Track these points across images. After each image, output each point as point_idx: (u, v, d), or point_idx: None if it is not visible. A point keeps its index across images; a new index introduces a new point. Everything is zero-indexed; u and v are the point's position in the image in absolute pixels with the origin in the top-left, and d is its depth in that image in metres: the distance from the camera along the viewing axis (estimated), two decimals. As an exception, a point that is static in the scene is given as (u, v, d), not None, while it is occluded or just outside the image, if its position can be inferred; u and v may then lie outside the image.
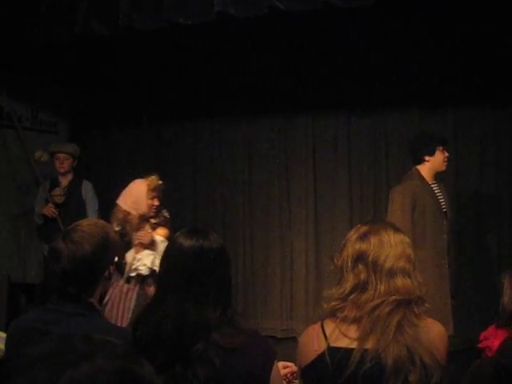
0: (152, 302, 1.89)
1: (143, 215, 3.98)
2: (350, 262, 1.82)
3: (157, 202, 4.00)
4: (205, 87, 5.79)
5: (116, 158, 6.23)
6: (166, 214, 4.17)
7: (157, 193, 4.01)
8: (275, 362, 1.83)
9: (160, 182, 4.03)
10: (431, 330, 1.76)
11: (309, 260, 5.74)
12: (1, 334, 2.99)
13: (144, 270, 3.81)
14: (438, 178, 4.31)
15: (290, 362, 2.14)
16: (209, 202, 6.09)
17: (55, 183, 5.39)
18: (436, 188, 4.28)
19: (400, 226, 3.87)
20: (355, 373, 1.69)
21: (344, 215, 5.64)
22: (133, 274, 3.86)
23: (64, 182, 5.38)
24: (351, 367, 1.70)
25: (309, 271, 5.72)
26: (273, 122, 5.90)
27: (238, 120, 5.98)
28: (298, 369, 1.94)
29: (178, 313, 1.74)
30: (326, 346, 1.78)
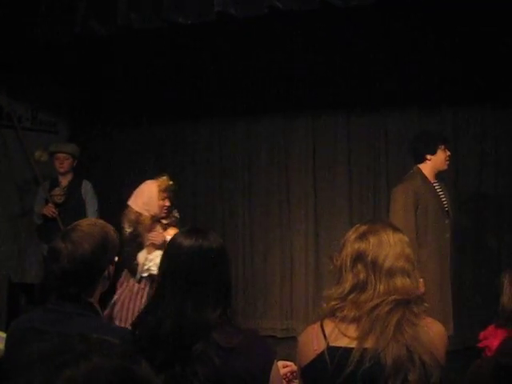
0: (151, 301, 1.89)
1: (155, 216, 4.02)
2: (349, 261, 1.82)
3: (168, 203, 4.06)
4: (204, 87, 5.79)
5: (115, 158, 6.23)
6: (177, 214, 4.22)
7: (168, 193, 4.05)
8: (275, 361, 1.83)
9: (171, 182, 4.08)
10: (431, 330, 1.76)
11: (308, 259, 5.74)
12: (1, 334, 2.98)
13: (156, 271, 3.85)
14: (438, 177, 4.29)
15: (290, 362, 2.14)
16: (208, 202, 6.09)
17: (55, 183, 5.39)
18: (438, 187, 4.24)
19: (402, 226, 3.88)
20: (354, 372, 1.69)
21: (344, 215, 5.64)
22: (145, 274, 3.90)
23: (64, 181, 5.38)
24: (350, 366, 1.70)
25: (308, 271, 5.73)
26: (272, 122, 5.91)
27: (237, 120, 5.98)
28: (297, 368, 1.94)
29: (178, 312, 1.74)
30: (325, 346, 1.78)
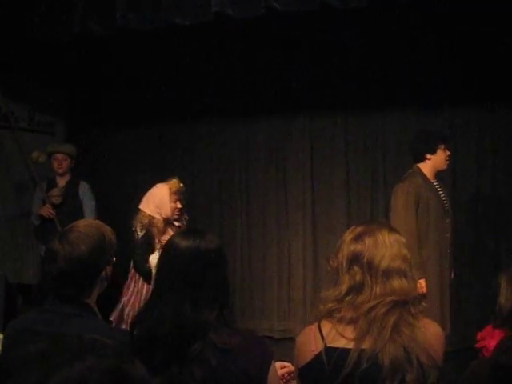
0: (149, 302, 1.89)
1: (167, 218, 4.03)
2: (345, 263, 1.82)
3: (179, 205, 4.07)
4: (202, 88, 5.79)
5: (113, 159, 6.21)
6: (186, 216, 4.22)
7: (179, 195, 4.07)
8: (272, 362, 1.83)
9: (181, 184, 4.08)
10: (428, 330, 1.76)
11: (306, 260, 5.74)
12: (-2, 335, 2.98)
13: None
14: (437, 176, 4.26)
15: (288, 362, 2.14)
16: (206, 203, 6.09)
17: (52, 184, 5.38)
18: (438, 186, 4.21)
19: (404, 225, 3.91)
20: (352, 373, 1.69)
21: (341, 216, 5.64)
22: None
23: (61, 182, 5.37)
24: (348, 367, 1.69)
25: (306, 272, 5.72)
26: (270, 123, 5.90)
27: (235, 121, 5.97)
28: (295, 369, 1.94)
29: (175, 313, 1.74)
30: (323, 347, 1.78)
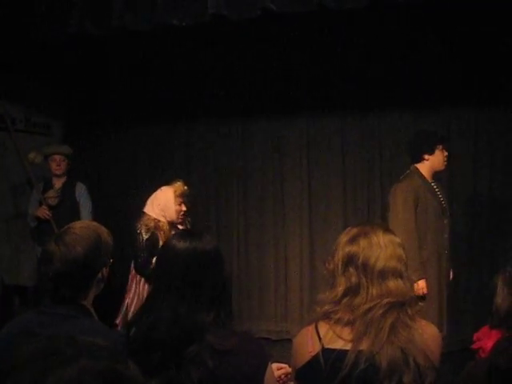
0: (146, 303, 1.88)
1: (171, 221, 4.06)
2: (340, 265, 1.82)
3: (184, 208, 4.09)
4: (199, 89, 5.79)
5: (110, 160, 6.21)
6: (189, 218, 4.24)
7: (183, 198, 4.09)
8: (269, 363, 1.82)
9: (185, 187, 4.10)
10: (425, 332, 1.76)
11: (303, 262, 5.74)
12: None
13: None
14: (435, 177, 4.24)
15: (284, 364, 2.14)
16: (203, 204, 6.08)
17: (49, 185, 5.37)
18: (435, 187, 4.20)
19: (403, 225, 3.91)
20: (349, 374, 1.69)
21: (338, 217, 5.64)
22: None
23: (58, 183, 5.36)
24: (345, 369, 1.69)
25: (303, 273, 5.72)
26: (267, 124, 5.90)
27: (231, 122, 5.97)
28: (292, 370, 1.94)
29: (172, 315, 1.73)
30: (320, 348, 1.78)
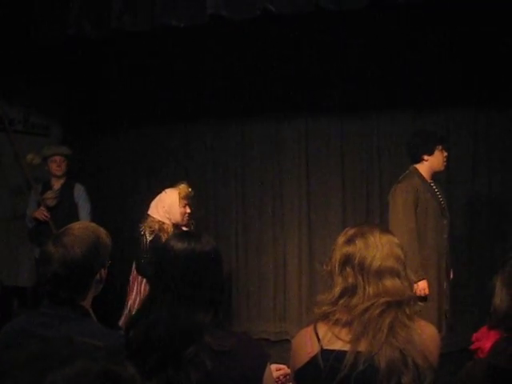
0: (144, 304, 1.88)
1: (176, 223, 4.07)
2: (337, 265, 1.82)
3: (188, 210, 4.12)
4: (198, 89, 5.79)
5: (108, 161, 6.20)
6: (193, 221, 4.25)
7: (188, 200, 4.11)
8: (268, 364, 1.82)
9: (190, 189, 4.12)
10: (424, 332, 1.76)
11: (302, 262, 5.73)
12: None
13: None
14: (434, 177, 4.20)
15: (283, 365, 2.14)
16: (201, 205, 6.07)
17: (47, 186, 5.36)
18: (435, 187, 4.16)
19: (403, 225, 3.90)
20: (348, 375, 1.69)
21: (337, 217, 5.64)
22: None
23: (56, 185, 5.36)
24: (344, 370, 1.69)
25: (302, 273, 5.72)
26: (266, 125, 5.90)
27: (231, 122, 5.97)
28: (290, 371, 1.94)
29: (170, 316, 1.73)
30: (319, 349, 1.77)
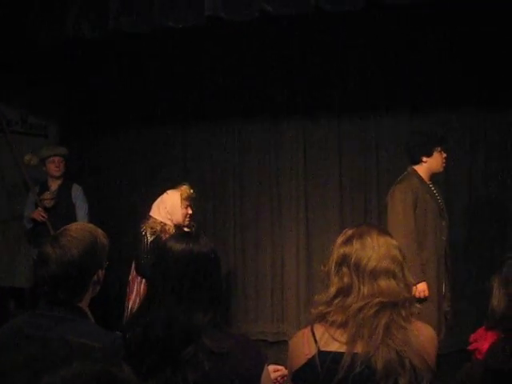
0: (142, 305, 1.88)
1: (178, 224, 4.08)
2: (334, 266, 1.83)
3: (190, 211, 4.14)
4: (195, 90, 5.79)
5: (106, 162, 6.20)
6: (194, 222, 4.26)
7: (189, 201, 4.13)
8: (265, 365, 1.82)
9: (191, 190, 4.13)
10: (421, 334, 1.75)
11: (300, 263, 5.73)
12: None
13: None
14: (433, 178, 4.18)
15: (281, 366, 2.14)
16: (199, 206, 6.06)
17: (45, 187, 5.36)
18: (433, 188, 4.14)
19: (402, 227, 3.89)
20: (345, 377, 1.69)
21: (335, 219, 5.64)
22: None
23: (54, 185, 5.35)
24: (341, 372, 1.69)
25: (300, 274, 5.72)
26: (263, 125, 5.90)
27: (228, 122, 5.96)
28: (288, 372, 1.94)
29: (168, 317, 1.73)
30: (316, 350, 1.77)
